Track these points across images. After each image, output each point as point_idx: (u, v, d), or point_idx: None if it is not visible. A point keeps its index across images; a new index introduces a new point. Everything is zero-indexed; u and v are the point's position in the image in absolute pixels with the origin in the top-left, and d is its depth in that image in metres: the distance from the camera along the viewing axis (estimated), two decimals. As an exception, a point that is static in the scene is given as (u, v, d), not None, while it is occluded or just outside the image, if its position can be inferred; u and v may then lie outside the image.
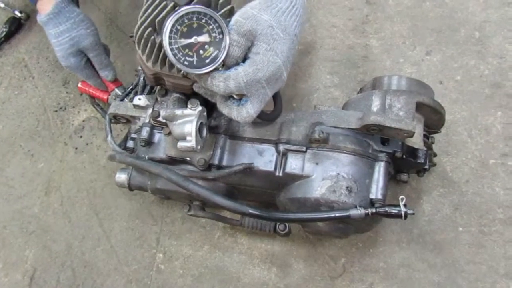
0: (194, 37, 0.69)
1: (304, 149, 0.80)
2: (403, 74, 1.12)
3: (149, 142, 0.89)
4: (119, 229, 1.09)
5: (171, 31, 0.68)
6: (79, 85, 1.18)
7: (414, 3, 1.23)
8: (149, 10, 0.78)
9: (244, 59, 0.73)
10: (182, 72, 0.73)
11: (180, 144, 0.75)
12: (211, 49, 0.70)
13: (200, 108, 0.77)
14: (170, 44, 0.68)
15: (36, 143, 1.23)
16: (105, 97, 1.15)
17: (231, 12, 0.79)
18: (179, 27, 0.68)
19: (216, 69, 0.71)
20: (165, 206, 1.08)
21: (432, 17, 1.20)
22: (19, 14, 1.42)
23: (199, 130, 0.76)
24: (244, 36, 0.70)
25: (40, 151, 1.21)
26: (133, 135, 0.93)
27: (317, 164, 0.79)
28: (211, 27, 0.70)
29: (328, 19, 1.24)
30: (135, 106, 0.92)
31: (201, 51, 0.70)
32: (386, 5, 1.24)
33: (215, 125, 0.86)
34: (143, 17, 0.78)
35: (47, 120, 1.25)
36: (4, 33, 1.39)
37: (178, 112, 0.77)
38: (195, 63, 0.70)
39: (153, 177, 0.89)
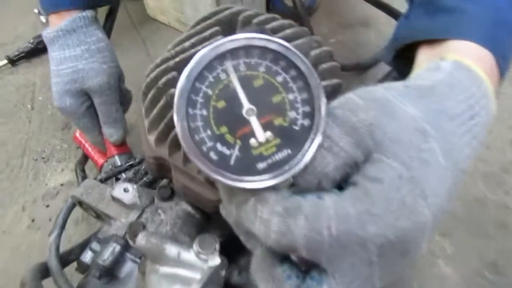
0: (247, 107, 0.30)
1: None
2: None
3: (109, 273, 0.48)
4: None
5: (198, 78, 0.29)
6: (77, 133, 0.83)
7: None
8: (187, 43, 0.42)
9: (339, 186, 0.33)
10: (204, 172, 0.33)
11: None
12: (278, 142, 0.31)
13: (217, 261, 0.36)
14: (192, 105, 0.29)
15: (-13, 194, 0.85)
16: (101, 161, 0.78)
17: (335, 91, 0.42)
18: (221, 76, 0.30)
19: (275, 186, 0.31)
20: None
21: None
22: (55, 33, 1.15)
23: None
24: (355, 136, 0.31)
25: (-14, 208, 0.83)
26: (94, 246, 0.52)
27: None
28: (292, 96, 0.31)
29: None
30: (115, 199, 0.53)
31: (253, 141, 0.30)
32: (542, 154, 0.82)
33: (238, 284, 0.44)
34: (172, 52, 0.42)
35: (18, 167, 0.89)
36: (27, 49, 1.11)
37: (172, 251, 0.37)
38: (233, 161, 0.30)
39: None
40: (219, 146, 0.30)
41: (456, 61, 0.36)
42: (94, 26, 0.71)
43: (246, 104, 0.30)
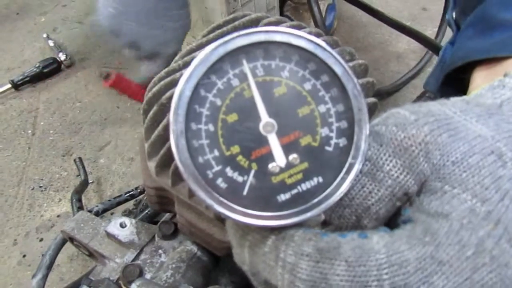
0: (265, 121, 0.23)
1: None
2: None
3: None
4: None
5: (203, 84, 0.23)
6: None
7: None
8: (197, 53, 0.36)
9: (388, 222, 0.25)
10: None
11: None
12: (306, 168, 0.24)
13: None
14: (194, 119, 0.23)
15: (-21, 225, 0.79)
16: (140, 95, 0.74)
17: (370, 113, 0.35)
18: (233, 82, 0.23)
19: (300, 223, 0.23)
20: None
21: None
22: (62, 58, 1.11)
23: None
24: (405, 157, 0.24)
25: (-24, 241, 0.77)
26: (83, 288, 0.45)
27: None
28: (324, 108, 0.24)
29: None
30: (109, 236, 0.46)
31: (272, 166, 0.23)
32: None
33: None
34: (179, 62, 0.36)
35: (14, 196, 0.83)
36: (32, 73, 1.07)
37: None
38: (246, 191, 0.23)
39: None
40: (229, 171, 0.23)
41: (524, 78, 0.30)
42: None
43: (264, 118, 0.23)
